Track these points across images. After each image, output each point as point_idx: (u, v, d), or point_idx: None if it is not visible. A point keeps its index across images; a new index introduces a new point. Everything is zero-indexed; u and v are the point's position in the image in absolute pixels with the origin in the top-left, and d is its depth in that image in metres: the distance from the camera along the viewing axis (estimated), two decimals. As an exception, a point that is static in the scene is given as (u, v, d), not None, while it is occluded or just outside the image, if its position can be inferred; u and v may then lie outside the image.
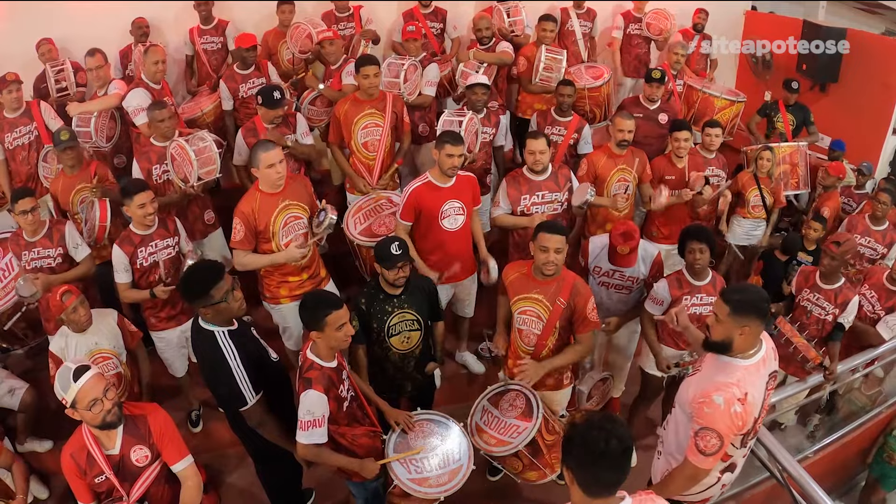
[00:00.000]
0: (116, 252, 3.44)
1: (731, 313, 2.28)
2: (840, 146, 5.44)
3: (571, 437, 1.71)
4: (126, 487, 2.54)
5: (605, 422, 1.70)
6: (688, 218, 4.51)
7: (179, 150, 3.77)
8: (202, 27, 5.31)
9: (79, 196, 3.98)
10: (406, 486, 2.76)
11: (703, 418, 2.28)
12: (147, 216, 3.42)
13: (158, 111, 3.89)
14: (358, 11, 5.44)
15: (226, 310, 2.63)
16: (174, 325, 3.67)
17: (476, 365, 4.38)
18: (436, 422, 3.05)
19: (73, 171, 3.97)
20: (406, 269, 3.11)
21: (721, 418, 2.26)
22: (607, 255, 3.60)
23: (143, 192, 3.42)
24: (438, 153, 3.51)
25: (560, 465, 3.04)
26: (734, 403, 2.26)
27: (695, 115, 5.48)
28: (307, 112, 4.72)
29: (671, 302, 3.49)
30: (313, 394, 2.55)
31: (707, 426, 2.27)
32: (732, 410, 2.25)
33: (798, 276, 3.97)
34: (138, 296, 3.52)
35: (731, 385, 2.28)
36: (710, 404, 2.26)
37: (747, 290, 2.39)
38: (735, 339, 2.31)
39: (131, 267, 3.46)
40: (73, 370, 2.40)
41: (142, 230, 3.48)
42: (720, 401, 2.26)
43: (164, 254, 3.54)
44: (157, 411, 2.63)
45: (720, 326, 2.32)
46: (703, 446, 2.28)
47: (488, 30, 5.17)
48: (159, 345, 3.73)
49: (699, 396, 2.31)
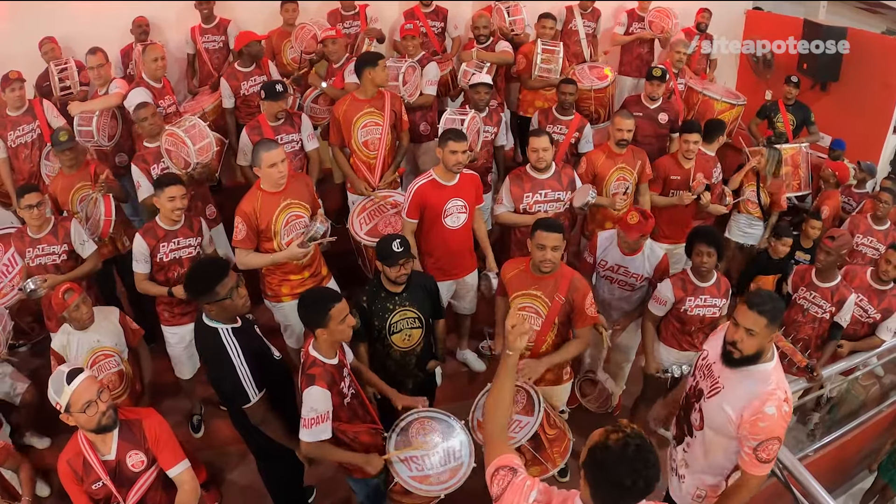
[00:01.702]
0: (138, 241, 3.43)
1: (769, 324, 2.26)
2: (840, 145, 5.45)
3: (602, 460, 1.63)
4: (123, 493, 2.54)
5: (638, 458, 1.61)
6: (690, 219, 4.51)
7: (170, 138, 3.75)
8: (204, 26, 5.32)
9: (78, 195, 3.98)
10: (407, 483, 2.76)
11: (762, 433, 2.29)
12: (175, 210, 3.41)
13: (141, 110, 3.90)
14: (364, 10, 5.45)
15: (230, 307, 2.63)
16: (188, 320, 3.60)
17: (477, 363, 4.38)
18: (437, 419, 3.05)
19: (71, 171, 3.98)
20: (407, 266, 3.11)
21: (778, 425, 2.28)
22: (616, 245, 3.62)
23: (176, 185, 3.41)
24: (442, 150, 3.52)
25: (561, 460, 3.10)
26: (783, 406, 2.28)
27: (694, 117, 5.47)
28: (309, 111, 4.73)
29: (675, 302, 3.50)
30: (316, 390, 2.56)
31: (767, 438, 2.29)
32: (783, 412, 2.28)
33: (794, 275, 3.95)
34: (155, 289, 3.51)
35: (774, 391, 2.30)
36: (765, 418, 2.28)
37: (772, 298, 2.34)
38: (766, 347, 2.32)
39: (151, 259, 3.46)
40: (67, 373, 2.40)
41: (167, 224, 3.47)
42: (772, 411, 2.27)
43: (185, 252, 3.53)
44: (152, 416, 2.63)
45: (755, 340, 2.28)
46: (767, 456, 2.31)
47: (486, 28, 5.18)
48: (171, 340, 3.70)
49: (749, 415, 2.30)
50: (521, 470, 1.84)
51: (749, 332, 2.28)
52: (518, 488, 1.79)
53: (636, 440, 1.63)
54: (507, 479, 1.82)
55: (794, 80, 5.64)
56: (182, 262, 3.53)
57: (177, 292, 3.44)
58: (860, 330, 4.00)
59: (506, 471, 1.83)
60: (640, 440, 1.63)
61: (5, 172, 4.47)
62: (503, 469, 1.84)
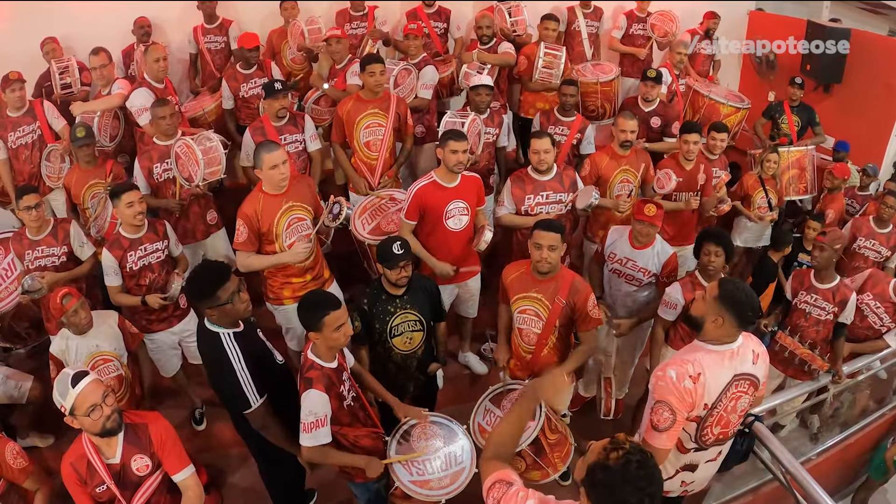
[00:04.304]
0: (106, 255, 3.44)
1: (717, 298, 2.32)
2: (844, 147, 5.43)
3: (604, 480, 1.60)
4: (127, 497, 2.52)
5: (641, 476, 1.58)
6: (693, 220, 4.50)
7: (186, 149, 3.77)
8: (206, 26, 5.32)
9: (91, 192, 4.02)
10: (407, 487, 2.75)
11: (657, 391, 2.33)
12: (136, 215, 3.41)
13: (160, 108, 3.89)
14: (373, 11, 5.43)
15: (232, 311, 2.62)
16: (165, 326, 3.66)
17: (479, 365, 4.37)
18: (439, 423, 3.03)
19: (88, 167, 4.05)
20: (408, 269, 3.10)
21: (672, 391, 2.30)
22: (627, 239, 3.63)
23: (131, 190, 3.42)
24: (443, 151, 3.51)
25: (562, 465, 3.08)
26: (685, 378, 2.30)
27: (700, 120, 5.46)
28: (311, 111, 4.71)
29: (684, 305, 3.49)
30: (315, 394, 2.55)
31: (660, 399, 2.31)
32: (683, 385, 2.29)
33: (792, 280, 3.94)
34: (129, 301, 3.52)
35: (687, 361, 2.34)
36: (664, 378, 2.32)
37: (744, 290, 2.37)
38: (708, 323, 2.35)
39: (120, 271, 3.46)
40: (72, 376, 2.39)
41: (131, 233, 3.47)
42: (672, 374, 2.31)
43: (153, 257, 3.54)
44: (157, 420, 2.61)
45: (702, 304, 2.38)
46: (657, 421, 2.31)
47: (489, 28, 5.16)
48: (151, 346, 3.71)
49: (657, 370, 2.38)
50: (516, 483, 1.85)
51: (703, 296, 2.41)
52: (511, 499, 1.79)
53: (636, 456, 1.60)
54: (502, 492, 1.83)
55: (799, 82, 5.62)
56: (152, 267, 3.54)
57: (150, 301, 3.46)
58: (871, 335, 4.01)
59: (501, 484, 1.84)
60: (640, 455, 1.61)
61: (5, 173, 4.47)
62: (500, 483, 1.85)
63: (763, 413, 3.35)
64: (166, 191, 4.01)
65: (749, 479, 3.69)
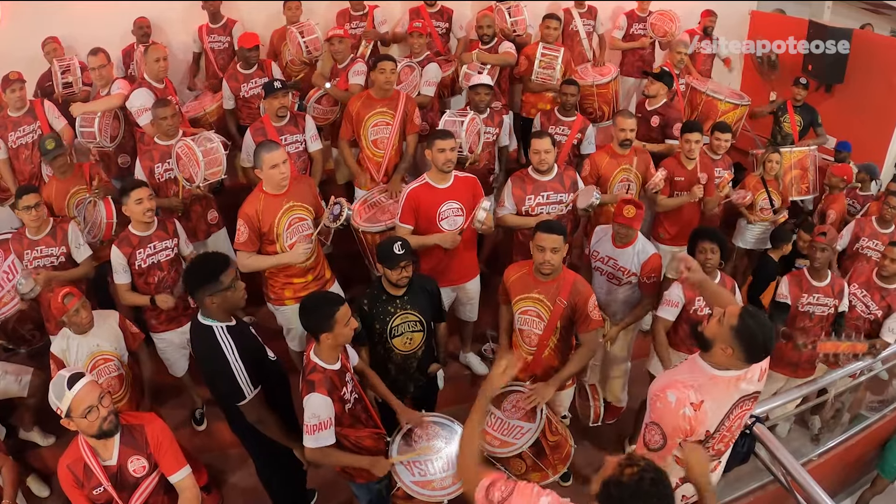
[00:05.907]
0: (115, 252, 3.43)
1: (732, 329, 2.14)
2: (846, 147, 5.41)
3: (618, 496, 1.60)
4: (124, 498, 2.52)
5: (654, 494, 1.59)
6: (695, 220, 4.49)
7: (187, 149, 3.76)
8: (210, 25, 5.32)
9: (74, 200, 3.96)
10: (409, 488, 2.75)
11: (654, 413, 2.23)
12: (146, 212, 3.41)
13: (161, 108, 3.88)
14: (372, 11, 5.43)
15: (232, 298, 2.64)
16: (175, 326, 3.65)
17: (480, 366, 4.36)
18: (441, 424, 3.04)
19: (64, 177, 3.97)
20: (409, 269, 3.10)
21: (669, 416, 2.18)
22: (610, 237, 3.64)
23: (140, 188, 3.42)
24: (431, 151, 3.51)
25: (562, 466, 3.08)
26: (685, 406, 2.17)
27: (698, 117, 5.45)
28: (313, 111, 4.71)
29: (685, 304, 3.48)
30: (317, 397, 2.54)
31: (655, 421, 2.22)
32: (681, 412, 2.17)
33: (790, 287, 3.91)
34: (138, 300, 3.51)
35: (689, 387, 2.19)
36: (663, 400, 2.19)
37: (762, 328, 2.15)
38: (716, 347, 2.21)
39: (129, 268, 3.45)
40: (67, 378, 2.38)
41: (140, 230, 3.47)
42: (672, 399, 2.18)
43: (162, 255, 3.53)
44: (154, 421, 2.61)
45: (716, 328, 2.20)
46: (648, 439, 2.24)
47: (490, 28, 5.16)
48: (160, 345, 3.71)
49: (657, 390, 2.25)
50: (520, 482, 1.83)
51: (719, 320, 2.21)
52: (527, 491, 1.77)
53: (650, 473, 1.61)
54: (511, 485, 1.80)
55: (802, 82, 5.61)
56: (161, 265, 3.53)
57: (160, 301, 3.45)
58: (862, 325, 4.03)
59: (503, 480, 1.82)
60: (654, 473, 1.61)
61: (6, 172, 4.46)
62: (499, 480, 1.83)
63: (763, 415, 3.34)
64: (168, 190, 4.00)
65: (750, 481, 3.68)
